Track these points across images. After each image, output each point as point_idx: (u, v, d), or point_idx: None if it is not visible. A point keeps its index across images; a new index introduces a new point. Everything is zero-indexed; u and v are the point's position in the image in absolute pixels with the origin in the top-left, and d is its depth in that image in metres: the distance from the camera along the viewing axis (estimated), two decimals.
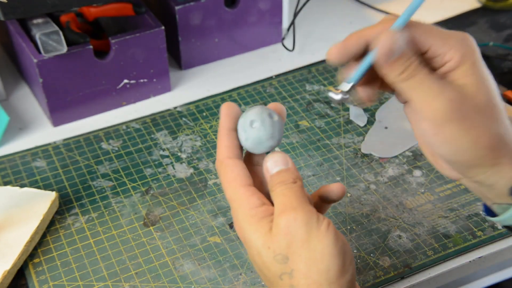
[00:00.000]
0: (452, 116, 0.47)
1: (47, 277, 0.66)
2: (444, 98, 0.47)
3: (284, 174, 0.50)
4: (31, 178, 0.77)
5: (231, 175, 0.50)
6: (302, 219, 0.47)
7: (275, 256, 0.47)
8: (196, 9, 0.90)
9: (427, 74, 0.48)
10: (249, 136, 0.51)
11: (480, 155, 0.49)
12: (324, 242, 0.47)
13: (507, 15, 1.06)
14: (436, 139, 0.49)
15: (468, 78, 0.47)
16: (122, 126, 0.84)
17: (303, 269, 0.47)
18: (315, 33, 1.03)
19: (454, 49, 0.48)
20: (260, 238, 0.48)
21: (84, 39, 0.82)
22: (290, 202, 0.48)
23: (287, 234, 0.47)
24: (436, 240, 0.69)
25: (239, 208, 0.50)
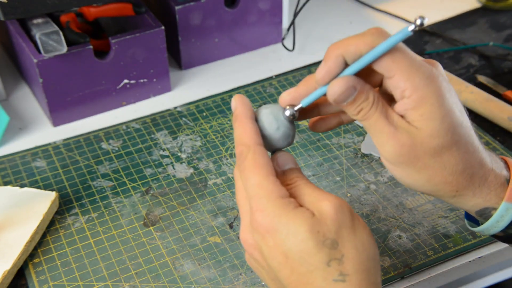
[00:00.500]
0: (402, 159, 0.48)
1: (47, 277, 0.66)
2: (394, 143, 0.48)
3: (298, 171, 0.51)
4: (31, 178, 0.77)
5: (261, 162, 0.48)
6: (347, 207, 0.47)
7: (324, 240, 0.46)
8: (196, 9, 0.90)
9: (380, 118, 0.48)
10: (281, 125, 0.51)
11: (436, 190, 0.50)
12: (367, 231, 0.47)
13: (507, 15, 1.06)
14: (394, 173, 0.50)
15: (424, 123, 0.47)
16: (122, 126, 0.84)
17: (354, 255, 0.46)
18: (315, 33, 1.03)
19: (415, 88, 0.47)
20: (305, 222, 0.46)
21: (84, 39, 0.82)
22: (322, 193, 0.48)
23: (334, 220, 0.46)
24: (436, 240, 0.69)
25: (267, 195, 0.47)
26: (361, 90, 0.48)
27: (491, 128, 0.84)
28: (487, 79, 0.91)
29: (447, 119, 0.47)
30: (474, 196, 0.50)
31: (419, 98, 0.47)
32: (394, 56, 0.47)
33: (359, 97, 0.48)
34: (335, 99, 0.48)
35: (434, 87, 0.47)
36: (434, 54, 0.97)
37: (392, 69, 0.47)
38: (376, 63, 0.47)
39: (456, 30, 1.02)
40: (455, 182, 0.49)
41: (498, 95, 0.88)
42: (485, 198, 0.50)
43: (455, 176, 0.49)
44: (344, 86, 0.47)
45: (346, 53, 0.48)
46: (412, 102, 0.47)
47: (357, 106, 0.48)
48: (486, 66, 0.95)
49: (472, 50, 0.98)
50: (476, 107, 0.85)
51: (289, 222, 0.46)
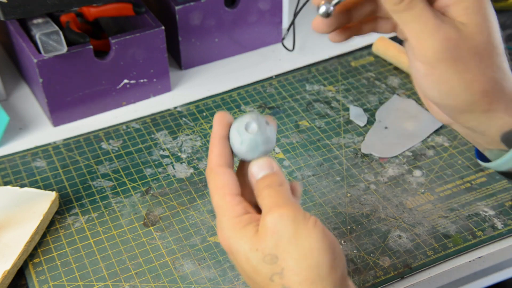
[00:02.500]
0: (446, 56, 0.45)
1: (47, 277, 0.66)
2: (440, 36, 0.44)
3: (270, 178, 0.50)
4: (31, 178, 0.77)
5: (219, 183, 0.50)
6: (288, 216, 0.46)
7: (264, 257, 0.46)
8: (196, 9, 0.90)
9: (425, 8, 0.44)
10: (244, 139, 0.50)
11: (472, 100, 0.47)
12: (312, 238, 0.46)
13: (507, 15, 1.06)
14: (427, 80, 0.47)
15: (469, 16, 0.44)
16: (122, 126, 0.84)
17: (293, 267, 0.45)
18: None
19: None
20: (246, 242, 0.47)
21: (84, 39, 0.82)
22: (276, 201, 0.48)
23: (274, 233, 0.46)
24: (436, 240, 0.69)
25: (223, 216, 0.49)
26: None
27: None
28: None
29: (490, 17, 0.45)
30: (505, 112, 0.47)
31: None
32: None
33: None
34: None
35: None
36: None
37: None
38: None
39: None
40: (491, 92, 0.46)
41: None
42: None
43: (492, 83, 0.46)
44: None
45: None
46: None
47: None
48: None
49: None
50: None
51: (237, 242, 0.48)
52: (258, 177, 0.50)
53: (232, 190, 0.50)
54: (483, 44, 0.45)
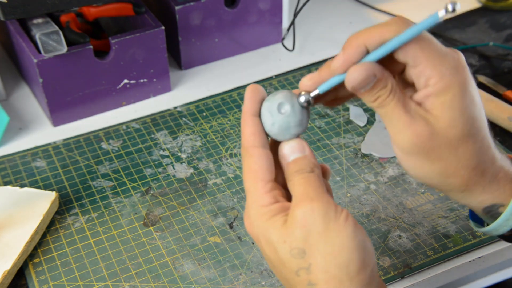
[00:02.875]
0: (417, 149, 0.47)
1: (47, 277, 0.66)
2: (411, 132, 0.46)
3: (301, 162, 0.48)
4: (31, 178, 0.77)
5: (253, 167, 0.48)
6: (319, 210, 0.45)
7: (291, 250, 0.45)
8: (196, 9, 0.90)
9: (397, 106, 0.46)
10: (276, 121, 0.48)
11: (447, 184, 0.49)
12: (343, 235, 0.44)
13: (507, 15, 1.06)
14: (404, 164, 0.49)
15: (444, 111, 0.46)
16: (122, 126, 0.84)
17: (321, 263, 0.44)
18: (315, 33, 1.03)
19: (441, 76, 0.46)
20: (274, 233, 0.46)
21: (84, 39, 0.82)
22: (306, 192, 0.46)
23: (304, 226, 0.45)
24: (436, 240, 0.69)
25: (252, 203, 0.48)
26: (380, 77, 0.46)
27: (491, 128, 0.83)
28: (487, 79, 0.91)
29: (467, 110, 0.46)
30: (483, 191, 0.49)
31: (444, 86, 0.45)
32: (421, 44, 0.46)
33: (378, 84, 0.46)
34: (353, 86, 0.46)
35: (460, 77, 0.46)
36: None
37: (419, 57, 0.46)
38: (401, 51, 0.46)
39: (456, 30, 1.02)
40: (466, 176, 0.48)
41: (498, 95, 0.88)
42: (494, 194, 0.49)
43: (468, 170, 0.47)
44: (365, 73, 0.46)
45: (369, 41, 0.46)
46: (436, 90, 0.46)
47: (375, 93, 0.46)
48: (486, 66, 0.95)
49: (472, 50, 0.98)
50: None
51: (264, 232, 0.47)
52: (289, 160, 0.49)
53: (264, 175, 0.48)
54: (457, 136, 0.46)
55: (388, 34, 0.46)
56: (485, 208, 0.50)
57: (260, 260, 0.67)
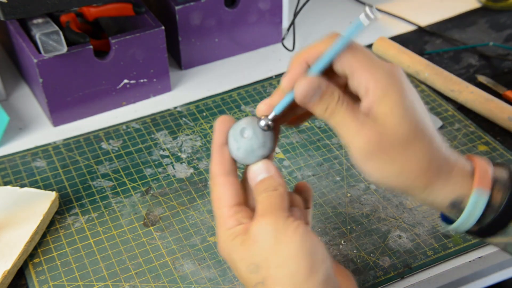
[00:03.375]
0: (370, 154, 0.48)
1: (47, 277, 0.66)
2: (361, 138, 0.48)
3: (266, 182, 0.51)
4: (31, 178, 0.77)
5: (217, 194, 0.52)
6: (268, 224, 0.48)
7: (247, 266, 0.48)
8: (196, 9, 0.90)
9: (346, 114, 0.49)
10: (240, 145, 0.52)
11: (405, 184, 0.50)
12: (290, 245, 0.47)
13: (507, 15, 1.06)
14: (363, 170, 0.50)
15: (388, 117, 0.48)
16: (122, 126, 0.84)
17: (274, 276, 0.47)
18: (315, 33, 1.03)
19: (377, 84, 0.48)
20: (235, 252, 0.49)
21: (84, 39, 0.82)
22: (263, 208, 0.49)
23: (256, 242, 0.48)
24: (436, 240, 0.69)
25: (219, 227, 0.51)
26: (326, 87, 0.49)
27: (491, 128, 0.84)
28: (487, 79, 0.91)
29: (409, 112, 0.48)
30: (443, 187, 0.50)
31: (382, 91, 0.48)
32: (354, 53, 0.48)
33: (324, 94, 0.49)
34: (301, 99, 0.49)
35: (395, 80, 0.48)
36: (434, 54, 0.97)
37: (353, 65, 0.48)
38: (338, 62, 0.49)
39: (456, 30, 1.02)
40: (423, 175, 0.49)
41: (498, 95, 0.88)
42: (454, 187, 0.50)
43: (423, 169, 0.49)
44: (309, 84, 0.49)
45: (309, 58, 0.50)
46: (376, 97, 0.48)
47: (323, 103, 0.49)
48: (486, 66, 0.95)
49: (472, 50, 0.98)
50: (476, 107, 0.85)
51: (229, 253, 0.50)
52: (256, 182, 0.52)
53: (228, 201, 0.51)
54: (406, 134, 0.48)
55: (324, 48, 0.49)
56: (450, 204, 0.51)
57: None
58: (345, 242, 0.69)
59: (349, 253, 0.67)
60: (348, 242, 0.69)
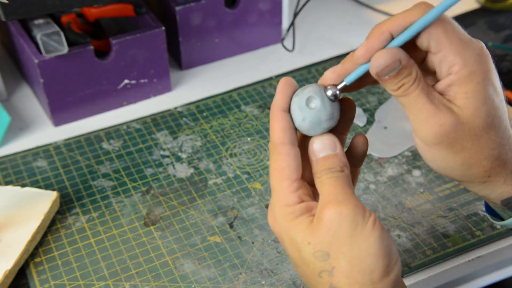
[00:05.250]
0: (441, 140, 0.46)
1: (48, 277, 0.66)
2: (435, 122, 0.45)
3: (332, 160, 0.47)
4: (32, 178, 0.77)
5: (280, 165, 0.47)
6: (347, 214, 0.44)
7: (315, 252, 0.45)
8: (196, 9, 0.90)
9: (420, 95, 0.45)
10: (306, 116, 0.47)
11: (468, 175, 0.48)
12: (370, 241, 0.44)
13: (506, 15, 1.07)
14: (426, 155, 0.48)
15: (468, 100, 0.45)
16: (123, 126, 0.85)
17: (345, 268, 0.44)
18: (315, 33, 1.03)
19: (464, 63, 0.45)
20: (298, 233, 0.46)
21: (85, 39, 0.82)
22: (335, 194, 0.45)
23: (330, 230, 0.44)
24: (435, 240, 0.69)
25: (277, 201, 0.47)
26: (405, 64, 0.45)
27: None
28: None
29: (490, 100, 0.45)
30: (504, 183, 0.48)
31: (467, 74, 0.45)
32: (445, 28, 0.45)
33: (402, 71, 0.45)
34: (377, 72, 0.45)
35: (484, 66, 0.45)
36: None
37: (442, 42, 0.45)
38: (425, 35, 0.45)
39: None
40: (489, 167, 0.47)
41: None
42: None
43: (490, 160, 0.47)
44: (390, 59, 0.45)
45: (393, 27, 0.45)
46: (459, 78, 0.45)
47: (399, 81, 0.45)
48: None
49: None
50: None
51: (288, 231, 0.46)
52: (319, 157, 0.48)
53: (291, 174, 0.47)
54: (480, 126, 0.46)
55: (412, 18, 0.45)
56: (504, 200, 0.49)
57: (260, 259, 0.67)
58: None
59: None
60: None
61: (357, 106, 0.87)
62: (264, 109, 0.87)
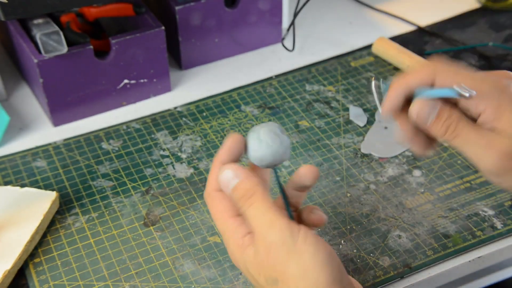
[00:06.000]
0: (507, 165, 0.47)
1: (47, 277, 0.66)
2: (495, 151, 0.46)
3: (239, 189, 0.50)
4: (32, 178, 0.77)
5: (219, 208, 0.51)
6: (277, 243, 0.47)
7: (266, 280, 0.48)
8: (196, 9, 0.90)
9: (471, 130, 0.47)
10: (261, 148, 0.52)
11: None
12: (305, 256, 0.46)
13: (507, 15, 1.06)
14: (503, 185, 0.49)
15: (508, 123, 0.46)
16: (123, 126, 0.85)
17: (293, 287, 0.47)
18: (315, 33, 1.03)
19: (486, 101, 0.47)
20: (250, 266, 0.49)
21: (85, 39, 0.82)
22: (260, 224, 0.48)
23: (269, 258, 0.47)
24: (436, 240, 0.69)
25: (229, 239, 0.51)
26: (442, 108, 0.48)
27: None
28: None
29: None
30: None
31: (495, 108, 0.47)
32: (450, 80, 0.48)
33: (442, 114, 0.48)
34: (417, 116, 0.49)
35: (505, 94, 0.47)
36: (434, 54, 0.97)
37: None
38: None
39: (455, 30, 1.03)
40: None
41: None
42: None
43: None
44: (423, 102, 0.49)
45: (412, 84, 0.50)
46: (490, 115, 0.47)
47: (443, 123, 0.48)
48: (485, 66, 0.95)
49: (471, 50, 0.98)
50: None
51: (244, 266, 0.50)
52: (229, 191, 0.51)
53: (232, 212, 0.51)
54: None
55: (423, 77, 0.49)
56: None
57: None
58: (345, 242, 0.69)
59: (349, 253, 0.68)
60: (348, 242, 0.69)
61: (357, 106, 0.87)
62: (264, 109, 0.87)
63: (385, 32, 1.01)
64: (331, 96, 0.89)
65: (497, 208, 0.72)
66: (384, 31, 1.02)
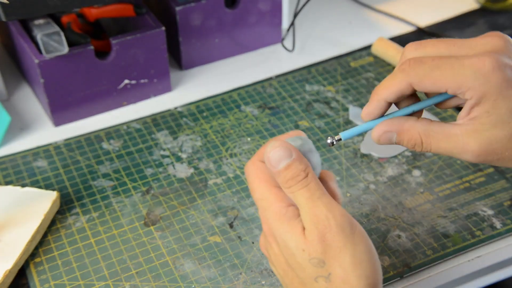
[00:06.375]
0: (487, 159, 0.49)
1: (48, 277, 0.66)
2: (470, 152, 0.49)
3: (293, 168, 0.49)
4: (32, 178, 0.77)
5: (263, 177, 0.51)
6: (336, 228, 0.47)
7: (310, 259, 0.48)
8: (196, 9, 0.90)
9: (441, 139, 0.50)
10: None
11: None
12: (360, 248, 0.47)
13: (506, 16, 1.07)
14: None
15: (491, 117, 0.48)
16: (123, 126, 0.85)
17: (341, 274, 0.47)
18: (315, 33, 1.03)
19: (472, 90, 0.48)
20: (293, 239, 0.48)
21: (85, 39, 0.82)
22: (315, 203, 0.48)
23: (322, 241, 0.47)
24: (435, 240, 0.69)
25: (270, 206, 0.50)
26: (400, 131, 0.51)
27: None
28: None
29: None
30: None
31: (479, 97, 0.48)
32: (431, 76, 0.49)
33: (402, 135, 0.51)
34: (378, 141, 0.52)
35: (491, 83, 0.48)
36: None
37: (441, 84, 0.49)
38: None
39: (455, 31, 1.03)
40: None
41: None
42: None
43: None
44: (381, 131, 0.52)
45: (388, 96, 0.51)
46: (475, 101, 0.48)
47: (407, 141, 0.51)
48: None
49: None
50: None
51: (282, 235, 0.49)
52: (279, 168, 0.49)
53: (276, 183, 0.51)
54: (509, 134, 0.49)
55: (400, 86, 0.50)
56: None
57: (260, 259, 0.67)
58: None
59: None
60: None
61: (357, 106, 0.87)
62: (264, 109, 0.87)
63: (385, 33, 1.02)
64: (330, 96, 0.89)
65: (497, 208, 0.72)
66: (384, 32, 1.02)
